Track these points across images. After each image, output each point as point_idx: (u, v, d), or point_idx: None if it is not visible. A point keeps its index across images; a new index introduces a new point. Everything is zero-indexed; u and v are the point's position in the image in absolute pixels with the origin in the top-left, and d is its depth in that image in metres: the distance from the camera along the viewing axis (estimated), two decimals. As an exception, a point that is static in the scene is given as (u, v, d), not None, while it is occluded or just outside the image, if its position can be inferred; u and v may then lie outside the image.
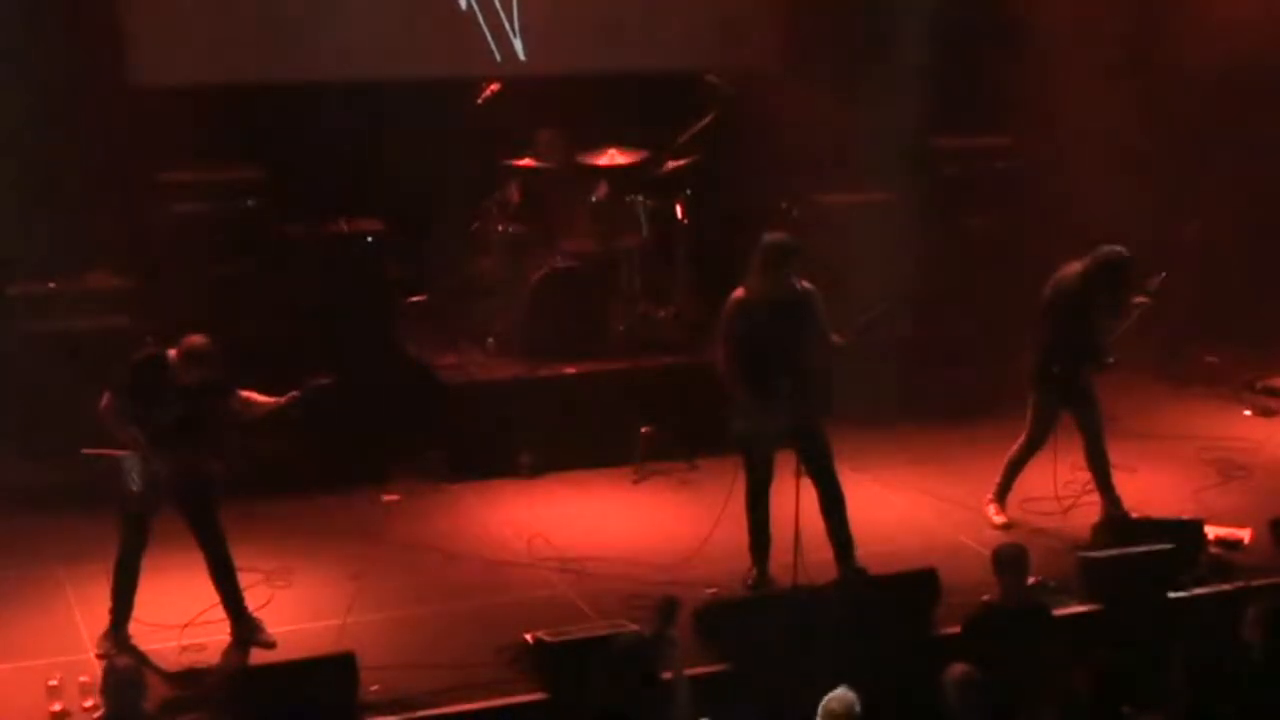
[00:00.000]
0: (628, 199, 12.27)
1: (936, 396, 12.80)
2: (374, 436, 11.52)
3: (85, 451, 8.83)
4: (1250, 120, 13.61)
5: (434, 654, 8.85)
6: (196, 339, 8.69)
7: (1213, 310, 13.65)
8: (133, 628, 8.91)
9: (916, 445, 12.06)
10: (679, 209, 12.45)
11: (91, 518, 9.56)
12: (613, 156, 12.30)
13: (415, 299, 12.52)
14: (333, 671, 8.22)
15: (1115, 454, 10.65)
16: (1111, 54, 13.35)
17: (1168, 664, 7.92)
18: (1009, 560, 8.67)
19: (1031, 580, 9.06)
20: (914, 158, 13.23)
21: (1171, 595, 9.53)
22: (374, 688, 8.38)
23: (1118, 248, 10.19)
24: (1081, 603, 9.46)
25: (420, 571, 10.02)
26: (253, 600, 9.18)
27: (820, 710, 7.14)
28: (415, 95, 12.57)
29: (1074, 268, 10.29)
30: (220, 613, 8.99)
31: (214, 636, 8.97)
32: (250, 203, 11.60)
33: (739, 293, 9.51)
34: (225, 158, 11.61)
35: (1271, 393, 13.05)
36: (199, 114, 11.30)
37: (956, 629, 8.81)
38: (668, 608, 7.67)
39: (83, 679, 8.41)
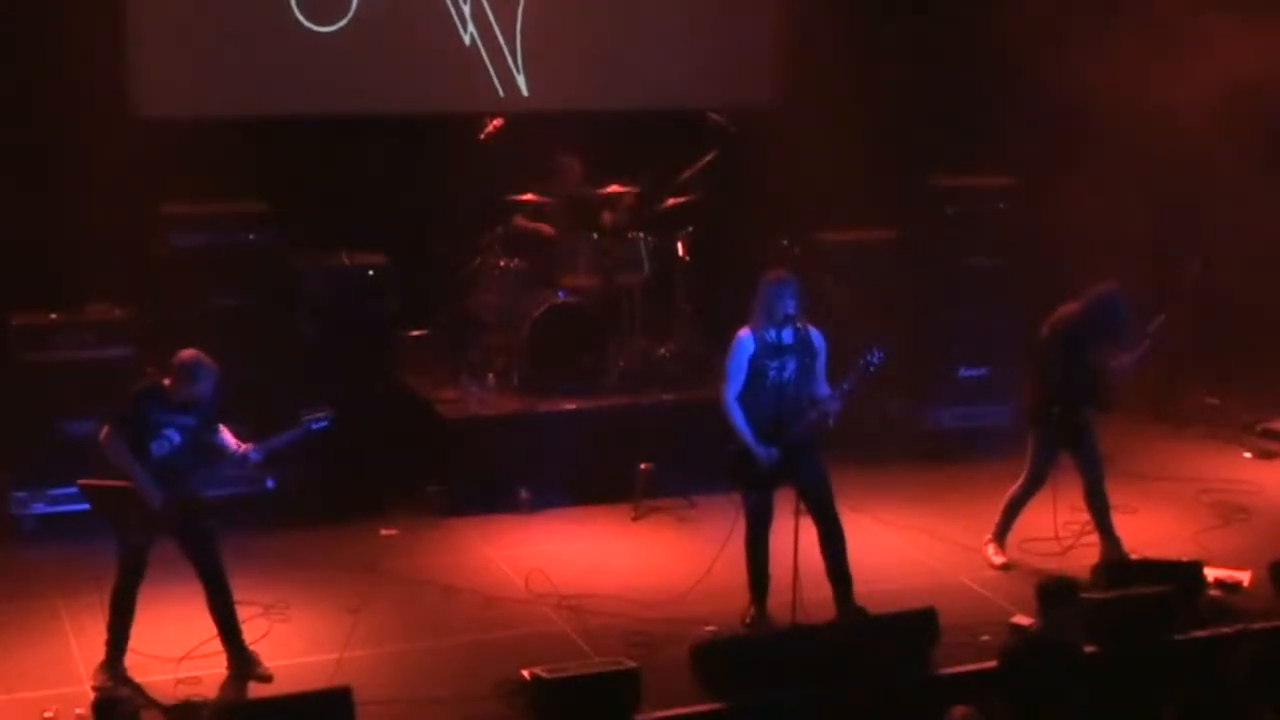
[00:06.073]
0: (629, 236, 12.30)
1: (936, 436, 12.81)
2: (373, 471, 11.53)
3: (82, 483, 8.83)
4: (1250, 160, 13.62)
5: (431, 689, 8.82)
6: (187, 353, 8.68)
7: (1213, 351, 13.65)
8: (129, 659, 8.87)
9: (916, 484, 12.05)
10: (680, 246, 12.47)
11: (89, 548, 9.56)
12: (615, 191, 12.34)
13: (416, 333, 12.54)
14: (330, 706, 8.18)
15: (1115, 495, 10.64)
16: (1114, 92, 13.37)
17: (1165, 706, 7.89)
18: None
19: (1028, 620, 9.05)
20: (915, 196, 13.25)
21: (1170, 637, 9.51)
22: (371, 723, 8.37)
23: (1113, 286, 10.20)
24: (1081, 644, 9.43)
25: (418, 606, 9.99)
26: (250, 633, 9.14)
27: None
28: (418, 129, 12.63)
29: (1071, 307, 10.31)
30: (217, 645, 8.95)
31: (211, 669, 8.92)
32: (252, 236, 11.60)
33: (743, 331, 9.51)
34: (227, 191, 11.61)
35: (1272, 435, 13.04)
36: (201, 147, 11.33)
37: (956, 669, 8.79)
38: None
39: (79, 711, 8.38)
